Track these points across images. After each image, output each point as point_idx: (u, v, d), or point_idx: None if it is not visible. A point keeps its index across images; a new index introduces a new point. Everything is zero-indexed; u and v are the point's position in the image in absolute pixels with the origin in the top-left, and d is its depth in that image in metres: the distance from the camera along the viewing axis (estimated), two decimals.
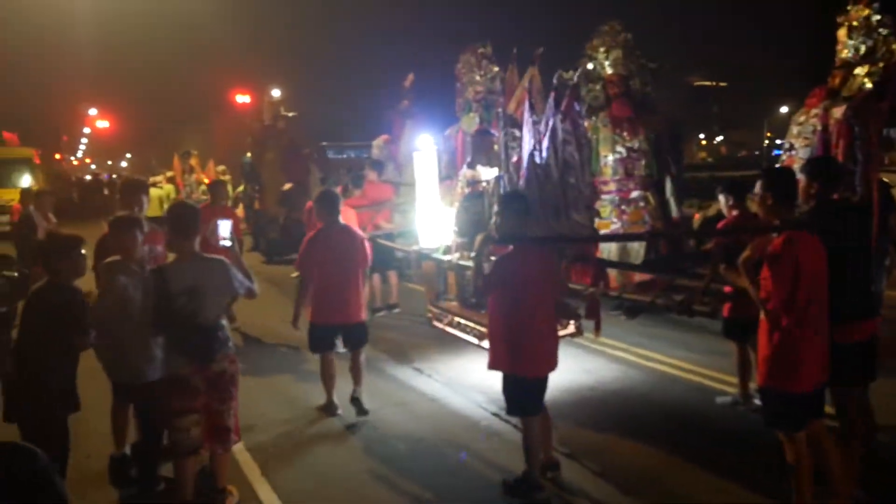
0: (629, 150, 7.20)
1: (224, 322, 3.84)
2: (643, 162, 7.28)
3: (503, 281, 3.77)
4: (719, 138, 62.35)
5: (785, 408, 3.53)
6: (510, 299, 3.79)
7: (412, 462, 4.53)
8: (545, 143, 4.99)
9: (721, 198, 5.18)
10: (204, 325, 3.65)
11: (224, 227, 4.07)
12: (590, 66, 7.26)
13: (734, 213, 5.11)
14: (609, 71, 7.30)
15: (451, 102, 7.61)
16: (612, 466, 4.40)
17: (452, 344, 6.82)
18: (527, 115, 4.99)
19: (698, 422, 5.14)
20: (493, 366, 3.97)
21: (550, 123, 5.07)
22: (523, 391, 3.89)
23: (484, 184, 5.77)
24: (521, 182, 5.02)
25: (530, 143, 4.96)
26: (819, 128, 4.33)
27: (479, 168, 5.72)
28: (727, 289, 4.76)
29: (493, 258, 4.19)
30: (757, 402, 5.15)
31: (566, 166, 4.93)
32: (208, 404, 3.68)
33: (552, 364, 3.96)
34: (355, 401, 5.23)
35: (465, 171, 6.01)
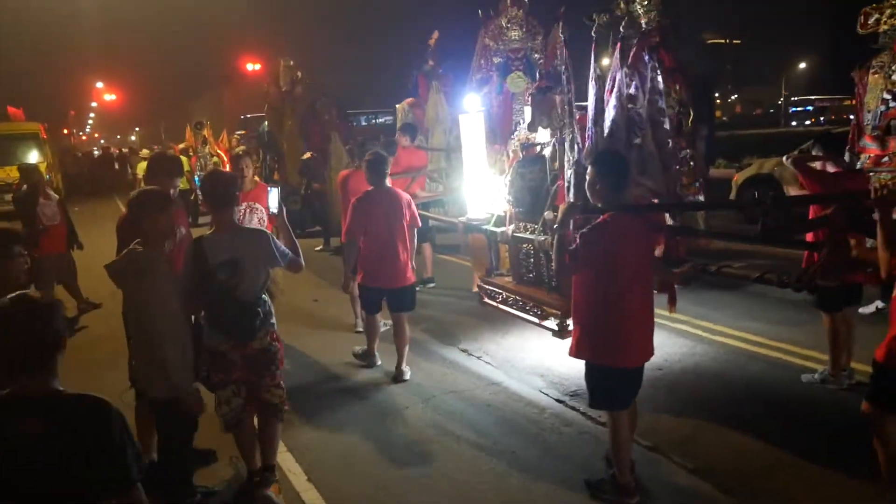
0: (680, 103, 6.63)
1: (266, 297, 3.55)
2: (690, 118, 6.72)
3: (595, 256, 3.22)
4: (733, 97, 61.10)
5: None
6: (601, 278, 3.25)
7: (478, 461, 4.04)
8: (612, 101, 4.43)
9: (814, 153, 4.61)
10: (244, 300, 3.39)
11: (273, 196, 3.88)
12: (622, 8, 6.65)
13: (832, 170, 4.54)
14: (645, 16, 6.69)
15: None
16: (702, 461, 3.91)
17: (499, 322, 6.33)
18: (591, 69, 4.41)
19: (787, 404, 4.64)
20: (576, 353, 3.45)
21: (617, 78, 4.50)
22: (611, 383, 3.38)
23: (539, 147, 5.19)
24: (587, 143, 4.46)
25: (596, 100, 4.39)
26: None
27: (535, 129, 5.13)
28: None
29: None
30: (849, 380, 4.69)
31: (632, 125, 4.37)
32: (248, 378, 3.50)
33: (648, 352, 3.44)
34: (398, 373, 5.27)
35: (518, 134, 5.43)
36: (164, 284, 3.21)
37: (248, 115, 21.84)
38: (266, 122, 13.41)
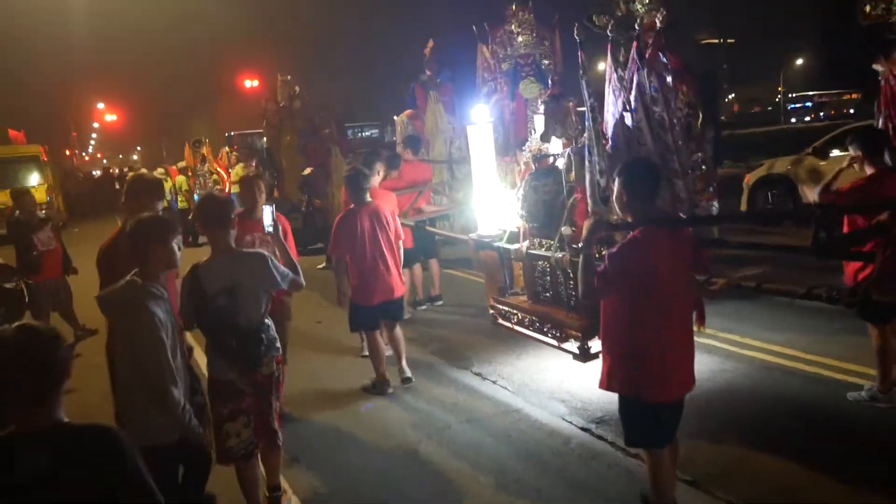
0: (688, 105, 6.36)
1: (269, 321, 3.50)
2: (699, 120, 6.44)
3: (626, 277, 2.90)
4: (730, 96, 60.86)
5: None
6: (635, 301, 2.93)
7: (501, 502, 3.71)
8: (633, 102, 4.13)
9: (851, 151, 4.29)
10: (246, 327, 3.33)
11: (268, 213, 3.85)
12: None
13: (869, 171, 4.21)
14: (646, 16, 6.43)
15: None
16: (748, 496, 3.56)
17: (513, 341, 5.98)
18: (609, 71, 4.11)
19: (833, 425, 4.28)
20: (608, 386, 3.12)
21: (636, 79, 4.20)
22: (650, 418, 3.04)
23: (551, 158, 4.88)
24: (608, 150, 4.15)
25: (616, 103, 4.08)
26: None
27: (547, 138, 4.82)
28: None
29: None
30: (886, 395, 4.35)
31: (659, 128, 4.07)
32: (257, 407, 3.44)
33: (690, 382, 3.11)
34: (401, 371, 5.36)
35: (530, 145, 5.13)
36: (168, 319, 2.94)
37: (233, 133, 21.62)
38: (265, 139, 13.17)
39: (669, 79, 4.44)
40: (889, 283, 3.15)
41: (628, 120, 4.09)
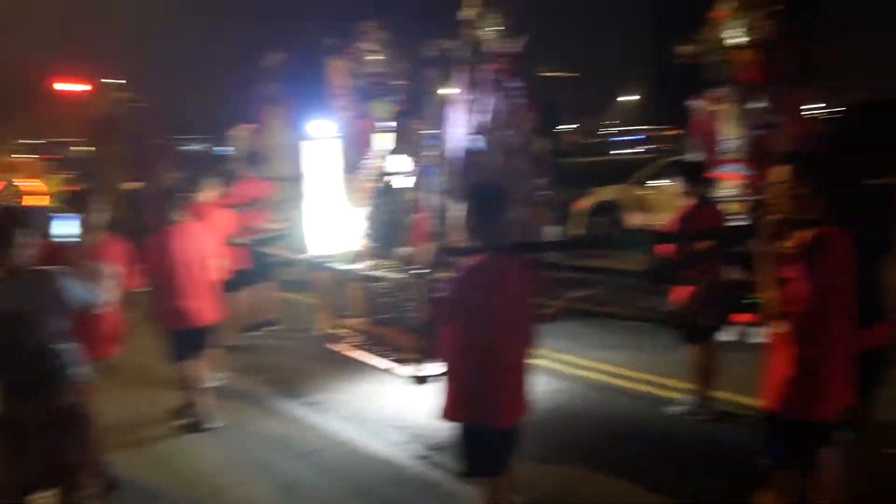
0: (534, 132, 6.57)
1: (66, 346, 3.15)
2: (543, 147, 6.66)
3: (469, 302, 2.79)
4: (568, 126, 65.11)
5: (804, 441, 2.82)
6: (479, 325, 2.82)
7: None
8: (485, 125, 4.11)
9: (675, 182, 4.53)
10: (37, 355, 3.03)
11: (61, 224, 3.45)
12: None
13: (691, 201, 4.46)
14: (494, 42, 6.60)
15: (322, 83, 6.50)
16: None
17: (348, 368, 5.68)
18: (459, 92, 4.07)
19: (663, 440, 4.46)
20: (452, 416, 2.96)
21: (489, 102, 4.19)
22: (493, 446, 2.92)
23: (390, 177, 4.74)
24: (452, 171, 4.08)
25: (464, 125, 4.04)
26: None
27: (393, 158, 4.69)
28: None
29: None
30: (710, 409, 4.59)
31: (508, 152, 4.08)
32: (51, 442, 3.07)
33: (528, 406, 3.03)
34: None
35: (373, 163, 4.95)
36: None
37: (42, 141, 19.61)
38: (80, 148, 11.98)
39: (522, 104, 4.49)
40: (710, 308, 3.30)
41: (477, 142, 4.05)
